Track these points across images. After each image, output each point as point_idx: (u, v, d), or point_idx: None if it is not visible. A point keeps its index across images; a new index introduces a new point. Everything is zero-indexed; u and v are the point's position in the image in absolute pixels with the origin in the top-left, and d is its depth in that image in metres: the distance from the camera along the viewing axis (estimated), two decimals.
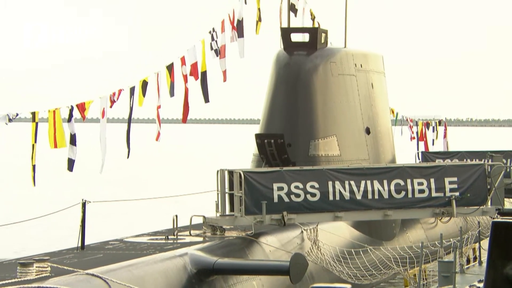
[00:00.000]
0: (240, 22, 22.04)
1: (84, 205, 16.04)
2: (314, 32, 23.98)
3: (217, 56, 21.05)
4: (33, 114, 16.17)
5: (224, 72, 21.30)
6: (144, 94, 18.89)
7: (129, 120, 18.70)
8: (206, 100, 20.67)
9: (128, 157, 18.41)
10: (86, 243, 16.37)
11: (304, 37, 24.08)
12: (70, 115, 16.99)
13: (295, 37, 23.99)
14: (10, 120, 15.60)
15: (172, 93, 19.75)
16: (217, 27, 21.42)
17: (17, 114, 15.86)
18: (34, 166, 16.10)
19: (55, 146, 16.76)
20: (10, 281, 12.77)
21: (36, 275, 13.15)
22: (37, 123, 16.21)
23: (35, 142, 16.08)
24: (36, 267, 13.30)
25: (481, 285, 11.17)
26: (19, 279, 12.92)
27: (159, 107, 19.36)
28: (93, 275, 13.83)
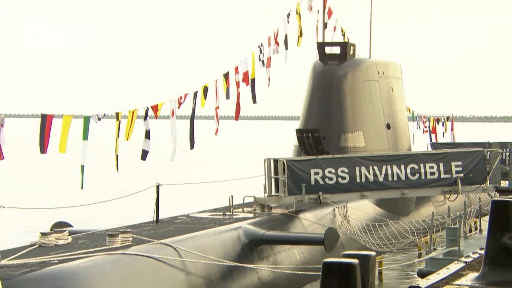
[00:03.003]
0: (284, 38, 22.18)
1: (158, 187, 16.09)
2: (344, 46, 23.86)
3: (264, 66, 21.17)
4: (117, 113, 16.30)
5: (269, 79, 21.40)
6: (205, 97, 18.96)
7: (192, 118, 18.71)
8: (254, 101, 20.74)
9: (192, 148, 18.44)
10: (159, 218, 16.44)
11: (336, 50, 24.01)
12: (146, 114, 17.08)
13: (329, 50, 23.95)
14: (99, 119, 15.72)
15: (228, 96, 19.80)
16: (264, 42, 21.51)
17: (104, 114, 15.95)
18: (117, 156, 16.16)
19: (127, 139, 16.88)
20: (100, 248, 12.90)
21: (120, 244, 13.28)
22: (120, 121, 16.31)
23: (118, 136, 16.17)
24: (121, 237, 13.42)
25: (483, 251, 11.04)
26: (108, 247, 13.06)
27: (217, 107, 19.41)
28: (165, 244, 13.90)
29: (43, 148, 14.74)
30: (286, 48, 22.04)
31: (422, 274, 15.71)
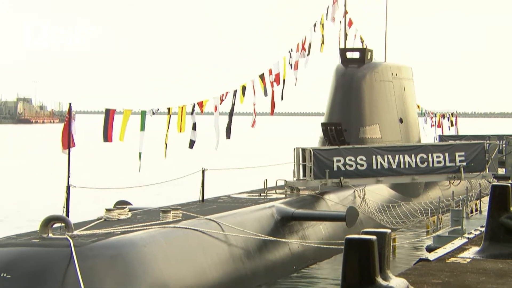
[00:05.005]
0: (310, 44, 22.13)
1: (203, 172, 16.16)
2: (363, 51, 23.77)
3: (292, 68, 21.23)
4: (168, 109, 16.41)
5: (296, 79, 21.43)
6: (243, 95, 19.02)
7: (231, 113, 18.75)
8: (282, 98, 20.78)
9: (228, 137, 18.37)
10: (205, 198, 16.53)
11: (356, 55, 23.96)
12: (193, 110, 17.17)
13: (350, 55, 23.88)
14: (153, 113, 15.85)
15: (266, 94, 19.85)
16: (294, 48, 21.52)
17: (158, 109, 16.08)
18: (166, 145, 16.18)
19: (180, 131, 16.98)
20: (155, 222, 13.01)
21: (172, 219, 13.39)
22: (170, 116, 16.42)
23: (168, 127, 16.26)
24: (172, 213, 13.52)
25: (483, 229, 10.99)
26: (161, 221, 13.18)
27: (254, 104, 19.50)
28: (210, 219, 13.99)
29: (106, 137, 14.91)
30: (308, 54, 22.01)
31: (430, 250, 15.66)
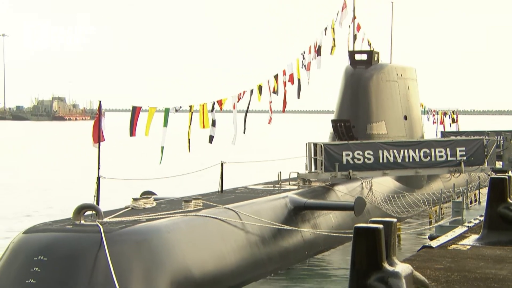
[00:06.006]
0: (320, 47, 22.07)
1: (222, 164, 16.13)
2: (370, 54, 23.63)
3: (304, 69, 21.17)
4: (190, 107, 16.41)
5: (308, 79, 21.38)
6: (260, 94, 19.00)
7: (247, 110, 18.74)
8: (298, 97, 20.74)
9: (244, 132, 18.36)
10: (223, 188, 16.49)
11: (363, 57, 23.85)
12: (213, 107, 17.16)
13: (358, 57, 23.77)
14: (176, 110, 15.87)
15: (277, 93, 19.82)
16: (306, 50, 21.47)
17: (180, 107, 16.09)
18: (189, 140, 16.19)
19: (203, 127, 16.97)
20: (178, 210, 13.04)
21: (193, 208, 13.40)
22: (192, 113, 16.40)
23: (191, 124, 16.27)
24: (194, 202, 13.53)
25: (482, 218, 10.91)
26: (183, 210, 13.19)
27: (270, 102, 19.47)
28: (228, 208, 14.00)
29: (132, 131, 14.96)
30: (319, 55, 21.96)
31: (432, 238, 15.56)
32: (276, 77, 19.74)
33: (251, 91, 18.59)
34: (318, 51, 21.86)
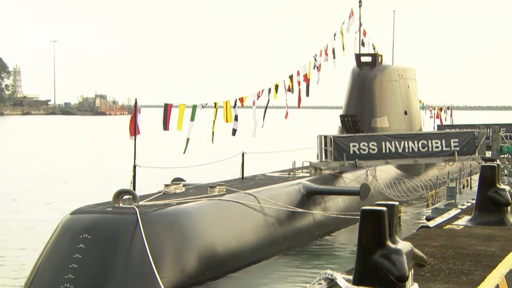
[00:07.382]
0: (334, 50, 22.07)
1: (243, 155, 16.20)
2: (374, 56, 23.58)
3: (315, 70, 21.15)
4: (215, 103, 16.44)
5: (318, 79, 21.34)
6: (276, 92, 19.00)
7: (266, 106, 18.74)
8: (307, 95, 20.70)
9: (262, 126, 18.35)
10: (244, 176, 16.52)
11: (368, 59, 23.75)
12: (235, 104, 17.19)
13: (363, 59, 23.68)
14: (203, 107, 15.89)
15: (292, 91, 19.81)
16: (317, 53, 21.40)
17: (206, 103, 16.12)
18: (213, 132, 16.20)
19: (226, 122, 16.98)
20: (204, 195, 13.09)
21: (218, 193, 13.43)
22: (217, 108, 16.43)
23: (215, 118, 16.31)
24: (218, 188, 13.57)
25: (473, 201, 10.81)
26: (209, 195, 13.24)
27: (287, 99, 19.50)
28: (248, 193, 14.02)
29: (165, 126, 15.01)
30: (334, 57, 21.95)
31: (429, 219, 15.43)
32: (291, 77, 19.77)
33: (269, 90, 18.58)
34: (333, 54, 21.94)
